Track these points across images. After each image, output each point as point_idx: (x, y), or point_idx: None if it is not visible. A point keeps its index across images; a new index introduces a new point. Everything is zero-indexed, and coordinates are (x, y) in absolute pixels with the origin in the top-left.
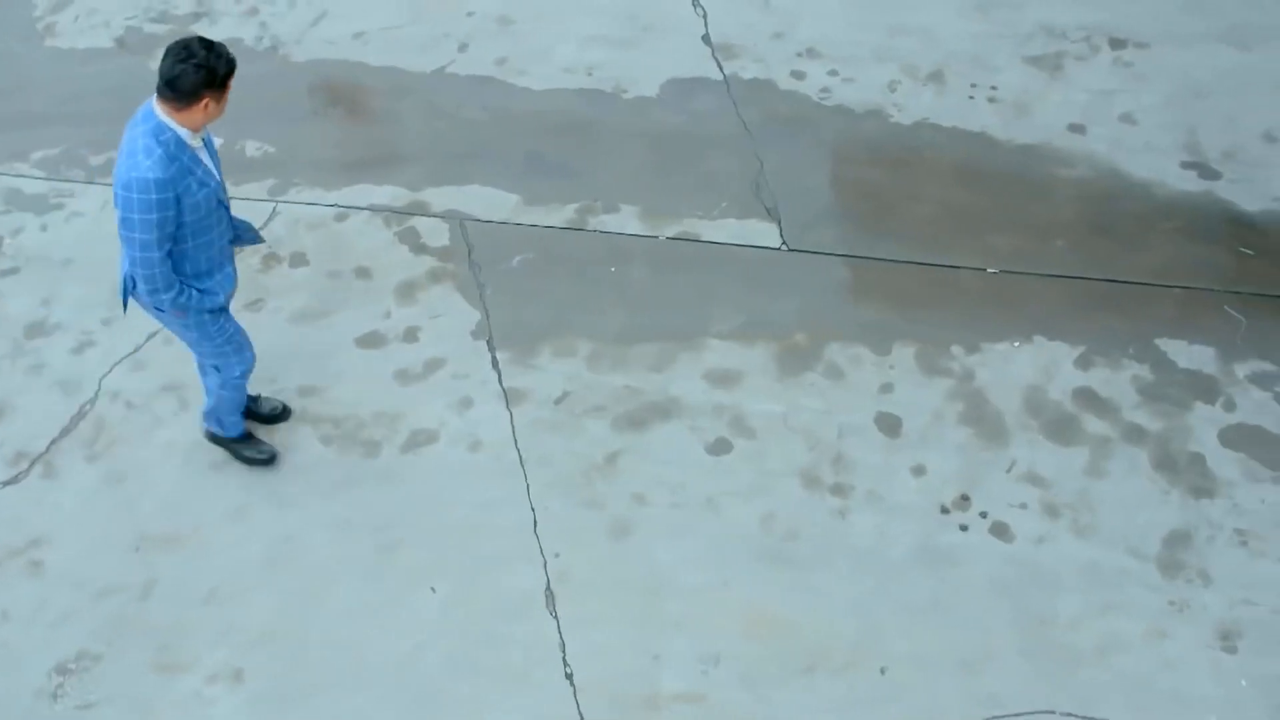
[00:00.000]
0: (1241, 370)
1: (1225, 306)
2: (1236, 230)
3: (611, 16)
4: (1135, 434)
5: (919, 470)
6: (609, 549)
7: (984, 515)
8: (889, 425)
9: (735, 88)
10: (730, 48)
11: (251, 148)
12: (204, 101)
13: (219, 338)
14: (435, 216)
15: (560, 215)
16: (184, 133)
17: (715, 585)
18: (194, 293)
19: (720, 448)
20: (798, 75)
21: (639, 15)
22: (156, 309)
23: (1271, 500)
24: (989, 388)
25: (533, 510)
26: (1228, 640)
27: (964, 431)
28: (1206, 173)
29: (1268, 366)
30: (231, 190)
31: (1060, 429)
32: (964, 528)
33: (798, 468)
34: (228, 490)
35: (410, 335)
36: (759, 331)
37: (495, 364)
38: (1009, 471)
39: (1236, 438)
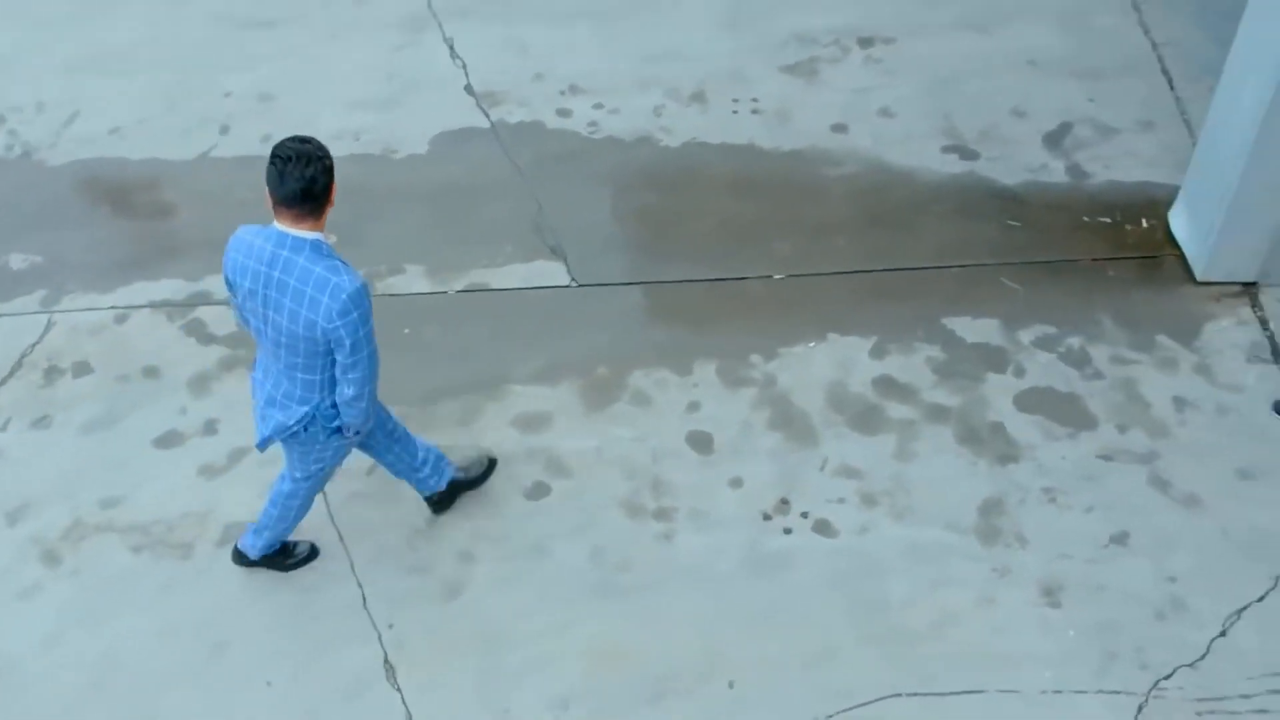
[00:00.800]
0: (1026, 336)
1: (1001, 279)
2: (1001, 205)
3: (371, 79)
4: (937, 413)
5: (736, 482)
6: (442, 611)
7: (805, 515)
8: (701, 442)
9: (504, 133)
10: (494, 94)
11: (17, 260)
12: (331, 195)
13: (342, 454)
14: (219, 304)
15: None
16: (324, 238)
17: (554, 628)
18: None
19: (539, 491)
20: (564, 113)
21: (398, 74)
22: (340, 439)
23: (1071, 456)
24: (792, 391)
25: (360, 585)
26: (1051, 596)
27: (774, 437)
28: (966, 154)
29: (1049, 329)
30: (1, 306)
31: (865, 420)
32: (788, 531)
33: (618, 498)
34: (36, 619)
35: (210, 428)
36: (561, 370)
37: None
38: (823, 469)
39: (1031, 401)
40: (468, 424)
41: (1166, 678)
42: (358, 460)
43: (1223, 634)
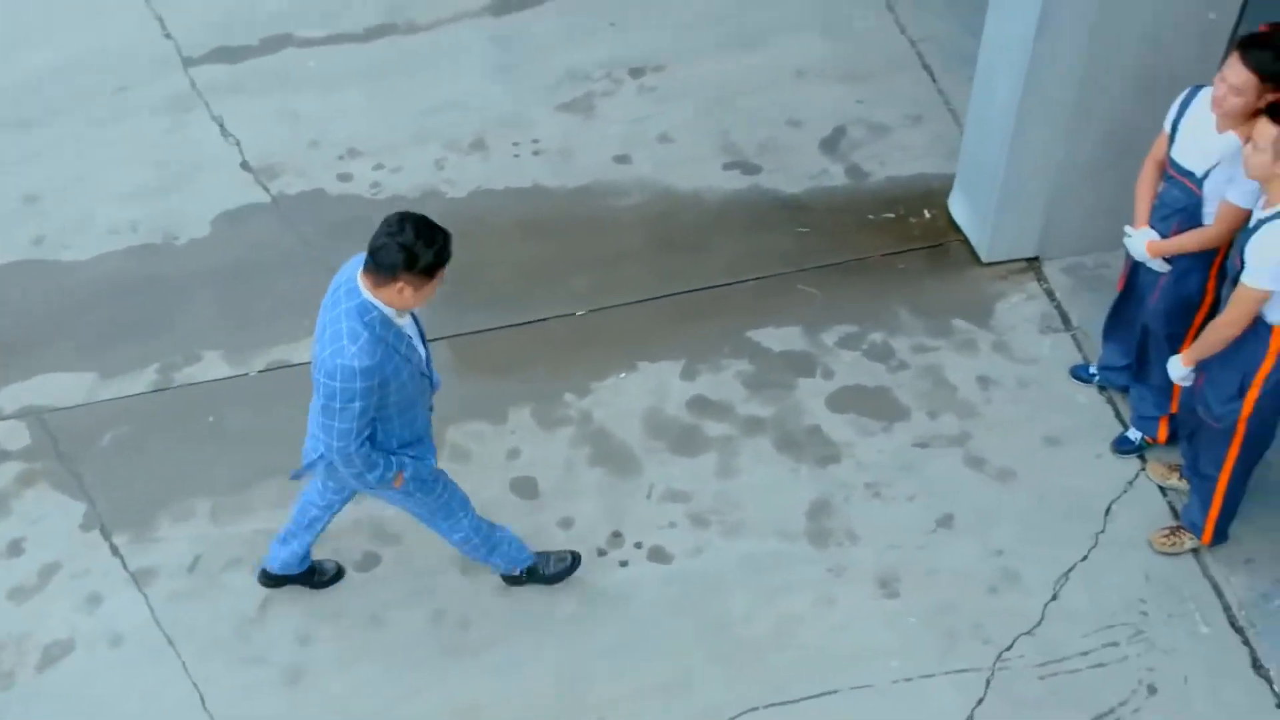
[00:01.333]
0: (829, 338)
1: (799, 285)
2: (788, 213)
3: (142, 168)
4: (754, 425)
5: (566, 522)
6: (286, 699)
7: (639, 545)
8: (526, 488)
9: (286, 206)
10: (271, 168)
11: None
12: (399, 284)
13: (444, 496)
14: (8, 419)
15: (143, 380)
16: (390, 311)
17: (406, 696)
18: (407, 460)
19: (369, 562)
20: (344, 178)
21: (170, 160)
22: (367, 487)
23: (888, 448)
24: (609, 423)
25: (195, 686)
26: (888, 587)
27: (597, 472)
28: (748, 169)
29: (850, 328)
30: None
31: (685, 442)
32: (624, 563)
33: (451, 556)
34: None
35: (14, 549)
36: None
37: (115, 550)
38: (650, 497)
39: (843, 401)
40: (287, 503)
41: (1008, 648)
42: (174, 557)
43: (1054, 598)
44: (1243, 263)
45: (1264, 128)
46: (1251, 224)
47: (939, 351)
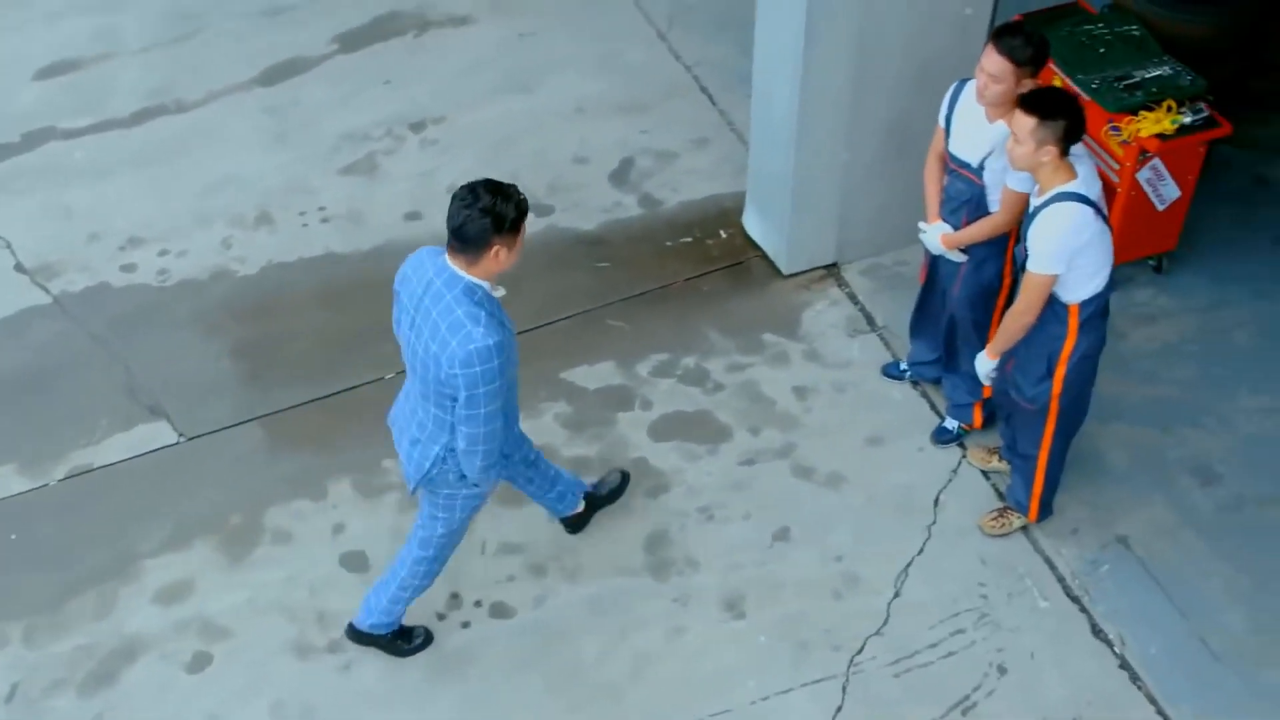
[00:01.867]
0: (643, 369)
1: (607, 320)
2: (587, 250)
3: None
4: (580, 465)
5: None
6: None
7: (479, 604)
8: (355, 562)
9: (70, 304)
10: (49, 267)
11: None
12: (493, 250)
13: (472, 506)
14: None
15: None
16: (486, 285)
17: None
18: (501, 458)
19: (200, 662)
20: (129, 268)
21: None
22: (458, 492)
23: (716, 470)
24: None
25: None
26: (734, 608)
27: None
28: (541, 210)
29: (663, 356)
30: None
31: (513, 492)
32: (466, 624)
33: (286, 643)
34: None
35: None
36: (191, 532)
37: None
38: (484, 553)
39: (665, 429)
40: (105, 615)
41: (859, 651)
42: None
43: (897, 594)
44: (1027, 251)
45: (1020, 119)
46: (1030, 211)
47: (753, 368)
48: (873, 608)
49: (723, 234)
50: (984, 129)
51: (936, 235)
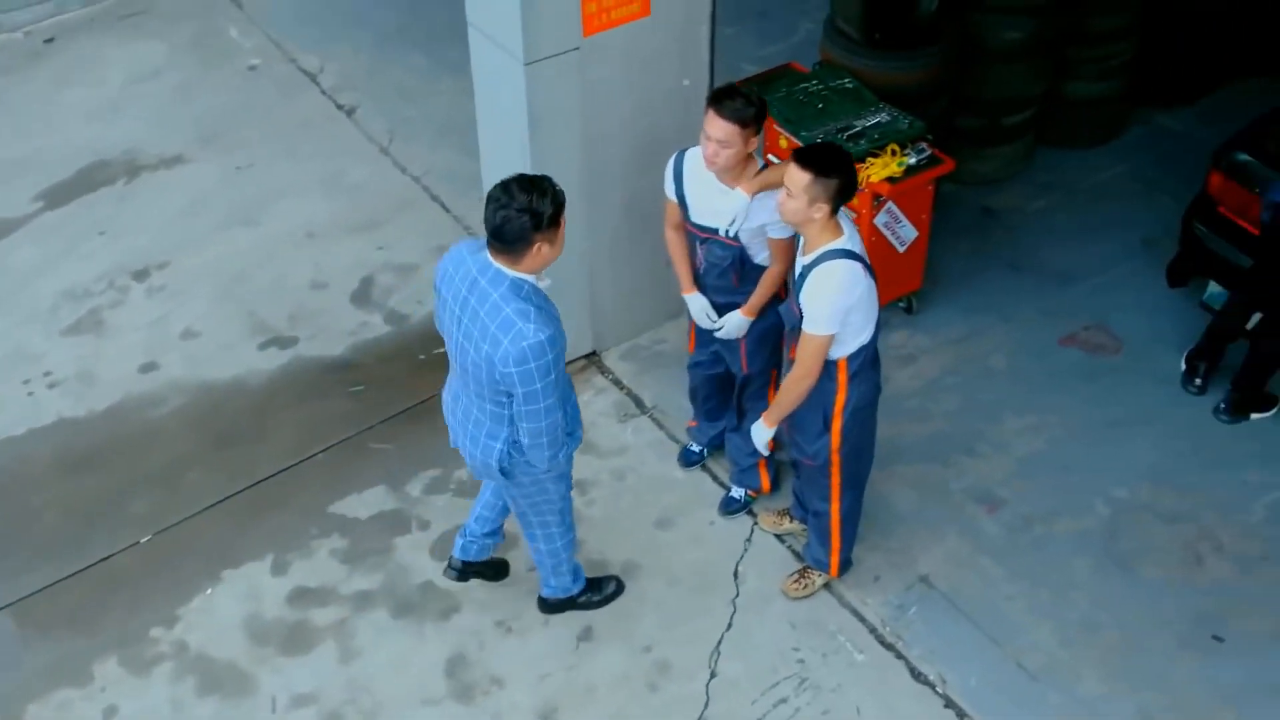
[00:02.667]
0: (415, 488)
1: (369, 444)
2: (339, 376)
3: None
4: (364, 600)
5: None
6: None
7: None
8: None
9: None
10: None
11: None
12: (536, 246)
13: (567, 476)
14: None
15: None
16: (531, 279)
17: None
18: (568, 439)
19: None
20: None
21: None
22: (539, 475)
23: (504, 580)
24: (208, 646)
25: None
26: (550, 719)
27: (210, 702)
28: (284, 342)
29: (434, 472)
30: None
31: (296, 640)
32: None
33: None
34: None
35: None
36: None
37: None
38: (274, 709)
39: (446, 547)
40: None
41: None
42: None
43: (714, 675)
44: (801, 312)
45: (794, 174)
46: (798, 272)
47: None
48: (691, 693)
49: None
50: (723, 197)
51: (737, 323)
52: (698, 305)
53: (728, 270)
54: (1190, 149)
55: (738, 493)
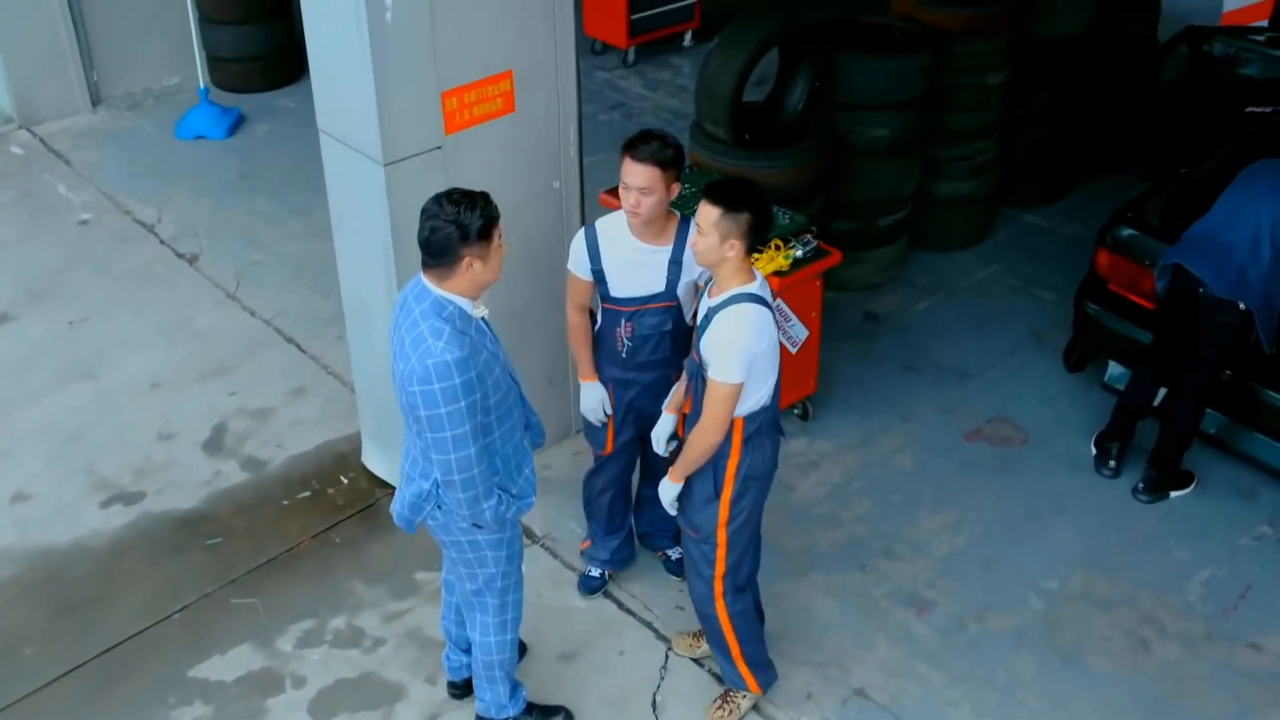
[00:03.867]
0: (286, 643)
1: (231, 600)
2: (193, 530)
3: None
4: None
5: None
6: None
7: None
8: None
9: None
10: None
11: None
12: (465, 260)
13: (514, 553)
14: None
15: None
16: (464, 303)
17: None
18: (509, 498)
19: None
20: None
21: None
22: (470, 525)
23: None
24: None
25: None
26: None
27: None
28: (130, 499)
29: (306, 624)
30: None
31: None
32: None
33: None
34: None
35: None
36: None
37: None
38: None
39: (328, 704)
40: None
41: None
42: None
43: None
44: (703, 360)
45: (705, 210)
46: (703, 315)
47: (412, 612)
48: None
49: (344, 480)
50: (650, 258)
51: (665, 427)
52: (595, 396)
53: (664, 338)
54: (1061, 244)
55: (597, 570)
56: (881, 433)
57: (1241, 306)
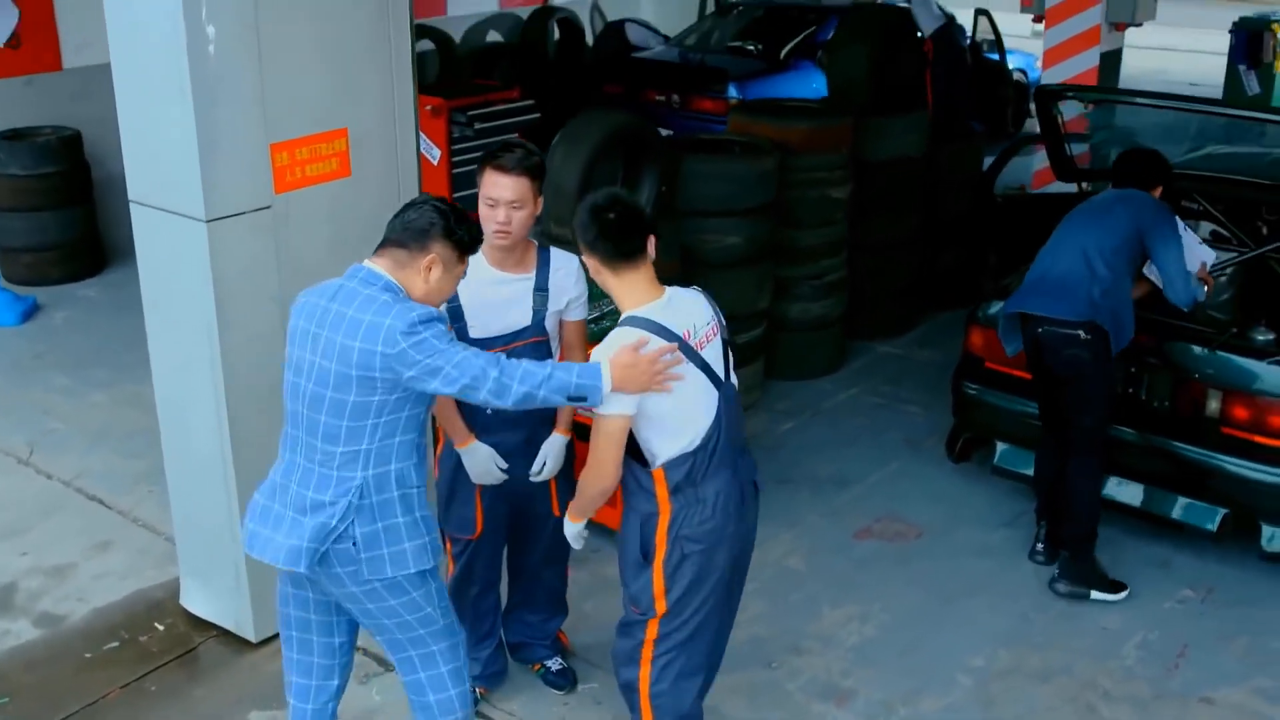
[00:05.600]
0: None
1: None
2: None
3: None
4: None
5: None
6: None
7: None
8: None
9: None
10: None
11: None
12: (429, 256)
13: (441, 586)
14: None
15: None
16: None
17: None
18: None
19: None
20: None
21: None
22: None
23: None
24: None
25: None
26: None
27: None
28: None
29: None
30: None
31: None
32: None
33: None
34: None
35: None
36: None
37: None
38: None
39: None
40: None
41: None
42: None
43: None
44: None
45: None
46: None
47: None
48: None
49: (159, 626)
50: (513, 286)
51: (556, 451)
52: (483, 455)
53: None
54: (919, 366)
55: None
56: (766, 540)
57: (1083, 335)
